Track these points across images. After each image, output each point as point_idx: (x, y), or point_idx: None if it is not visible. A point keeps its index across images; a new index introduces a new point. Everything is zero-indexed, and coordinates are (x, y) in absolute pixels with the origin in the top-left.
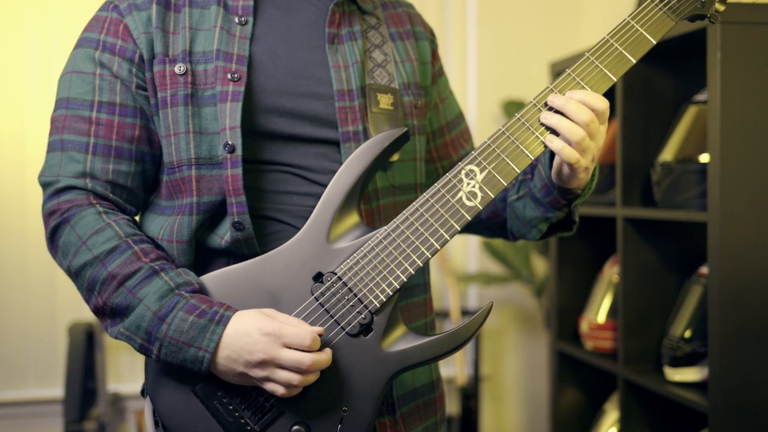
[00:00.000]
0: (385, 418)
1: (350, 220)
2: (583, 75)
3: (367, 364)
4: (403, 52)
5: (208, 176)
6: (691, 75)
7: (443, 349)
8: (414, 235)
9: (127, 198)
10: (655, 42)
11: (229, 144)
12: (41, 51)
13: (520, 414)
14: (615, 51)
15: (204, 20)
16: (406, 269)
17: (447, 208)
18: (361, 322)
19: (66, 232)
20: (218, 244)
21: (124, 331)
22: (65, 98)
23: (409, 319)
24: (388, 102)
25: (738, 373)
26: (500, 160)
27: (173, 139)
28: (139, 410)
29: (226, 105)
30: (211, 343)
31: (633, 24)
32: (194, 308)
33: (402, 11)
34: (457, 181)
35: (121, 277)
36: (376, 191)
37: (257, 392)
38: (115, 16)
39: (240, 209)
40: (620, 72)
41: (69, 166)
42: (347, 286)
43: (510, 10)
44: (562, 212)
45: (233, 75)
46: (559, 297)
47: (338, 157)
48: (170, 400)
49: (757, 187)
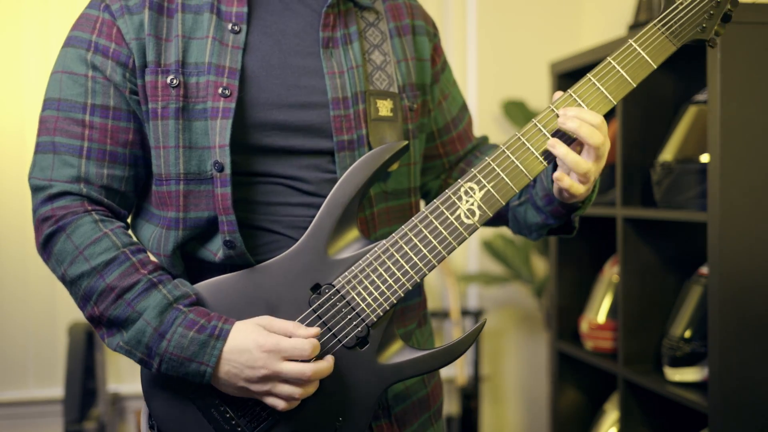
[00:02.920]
0: (381, 421)
1: (349, 232)
2: (584, 96)
3: (362, 376)
4: (400, 51)
5: (196, 191)
6: (691, 75)
7: (436, 364)
8: (412, 251)
9: (120, 202)
10: (656, 66)
11: (219, 163)
12: (41, 51)
13: (520, 414)
14: (616, 74)
15: (197, 27)
16: (403, 284)
17: (445, 226)
18: (358, 334)
19: (62, 241)
20: (212, 259)
21: (124, 345)
22: (56, 99)
23: (404, 322)
24: (387, 108)
25: (738, 373)
26: (499, 179)
27: (162, 152)
28: (139, 410)
29: (217, 122)
30: (212, 358)
31: (635, 47)
32: (193, 323)
33: (402, 2)
34: (456, 198)
35: (119, 289)
36: (370, 199)
37: (254, 401)
38: (107, 17)
39: (230, 228)
40: (620, 95)
41: (62, 170)
42: (345, 299)
43: (510, 10)
44: (562, 220)
45: (224, 90)
46: (559, 297)
47: (332, 167)
48: (167, 406)
49: (757, 187)
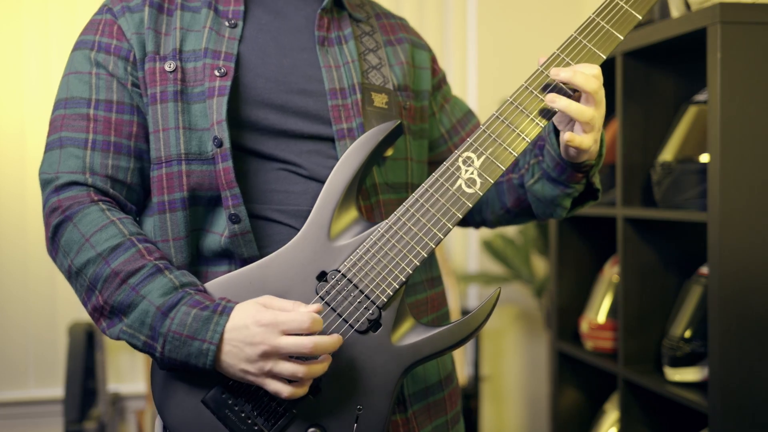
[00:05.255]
0: (397, 417)
1: (350, 216)
2: (572, 55)
3: (378, 361)
4: (393, 57)
5: (198, 171)
6: (691, 75)
7: (454, 339)
8: (416, 226)
9: (127, 195)
10: (641, 17)
11: (217, 138)
12: (41, 51)
13: (520, 414)
14: (602, 29)
15: (195, 22)
16: (410, 261)
17: (447, 197)
18: (369, 318)
19: (69, 230)
20: (217, 244)
21: (127, 329)
22: (63, 99)
23: (414, 317)
24: (382, 101)
25: (738, 373)
26: (497, 145)
27: (162, 135)
28: (139, 410)
29: (213, 100)
30: (216, 335)
31: (618, 1)
32: (198, 303)
33: (396, 22)
34: (455, 169)
35: (124, 274)
36: (375, 186)
37: (269, 397)
38: (109, 18)
39: (235, 201)
40: (609, 49)
41: (68, 161)
42: (352, 283)
43: (510, 10)
44: (581, 185)
45: (220, 71)
46: (559, 297)
47: (333, 153)
48: (180, 413)
49: (757, 187)
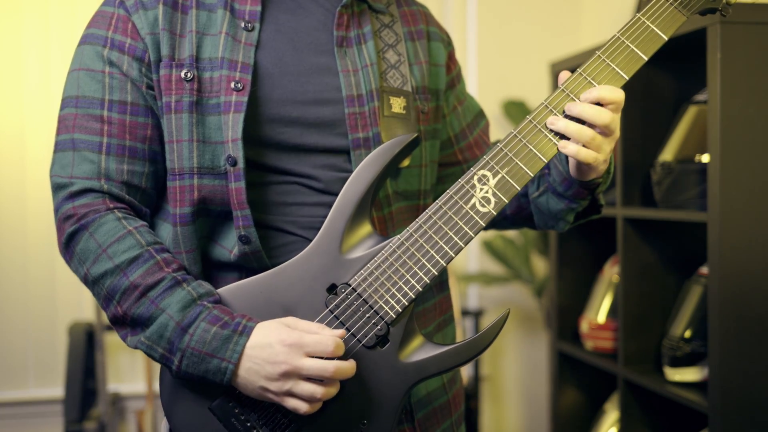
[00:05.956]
0: (404, 426)
1: (362, 229)
2: (594, 74)
3: (384, 376)
4: (414, 55)
5: (210, 186)
6: (691, 75)
7: (461, 358)
8: (428, 243)
9: (141, 199)
10: (667, 38)
11: (232, 157)
12: (41, 51)
13: (520, 414)
14: (626, 49)
15: (211, 24)
16: (420, 278)
17: (461, 215)
18: (378, 333)
19: (84, 239)
20: (227, 258)
21: (145, 340)
22: (74, 96)
23: (424, 324)
24: (400, 106)
25: (738, 373)
26: (513, 165)
27: (176, 146)
28: (139, 410)
29: (229, 116)
30: (235, 354)
31: (644, 20)
32: (217, 319)
33: (417, 10)
34: (470, 186)
35: (143, 287)
36: (387, 197)
37: (275, 408)
38: (122, 13)
39: (245, 223)
40: (632, 70)
41: (82, 166)
42: (362, 297)
43: (510, 10)
44: (586, 201)
45: (236, 84)
46: (559, 297)
47: (347, 166)
48: (187, 419)
49: (757, 187)
